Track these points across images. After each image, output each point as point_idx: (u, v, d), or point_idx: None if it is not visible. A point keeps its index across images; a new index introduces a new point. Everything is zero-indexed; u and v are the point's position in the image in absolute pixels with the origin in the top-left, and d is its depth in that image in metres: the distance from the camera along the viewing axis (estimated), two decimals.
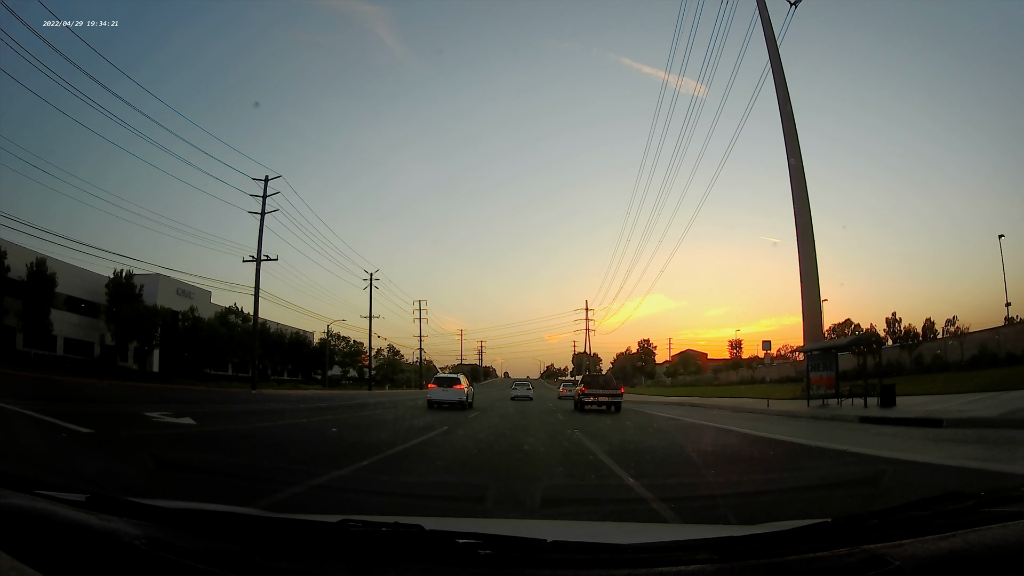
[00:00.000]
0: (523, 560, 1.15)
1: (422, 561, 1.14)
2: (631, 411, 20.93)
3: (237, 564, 1.12)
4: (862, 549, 1.11)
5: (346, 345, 69.65)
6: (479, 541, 1.15)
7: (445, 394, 20.61)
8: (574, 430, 11.90)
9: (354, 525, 1.24)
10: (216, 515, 1.37)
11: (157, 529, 1.22)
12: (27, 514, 1.16)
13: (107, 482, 4.76)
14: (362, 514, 1.41)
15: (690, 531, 2.01)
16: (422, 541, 1.19)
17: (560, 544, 1.18)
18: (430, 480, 5.68)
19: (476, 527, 1.35)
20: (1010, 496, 1.29)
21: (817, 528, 1.22)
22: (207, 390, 30.30)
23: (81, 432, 8.02)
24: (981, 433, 9.75)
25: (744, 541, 1.18)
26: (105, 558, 1.10)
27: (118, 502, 1.34)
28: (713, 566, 1.11)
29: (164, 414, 11.50)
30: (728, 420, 16.19)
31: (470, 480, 5.65)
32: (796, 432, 11.65)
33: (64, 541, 1.12)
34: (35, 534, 1.12)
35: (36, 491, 1.30)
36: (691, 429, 13.30)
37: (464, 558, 1.13)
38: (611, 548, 1.24)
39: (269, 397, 27.81)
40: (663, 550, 1.21)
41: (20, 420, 8.95)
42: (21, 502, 1.20)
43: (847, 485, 5.35)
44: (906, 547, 1.09)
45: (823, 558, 1.11)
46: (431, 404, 20.06)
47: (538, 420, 15.79)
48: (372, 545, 1.20)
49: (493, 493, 4.48)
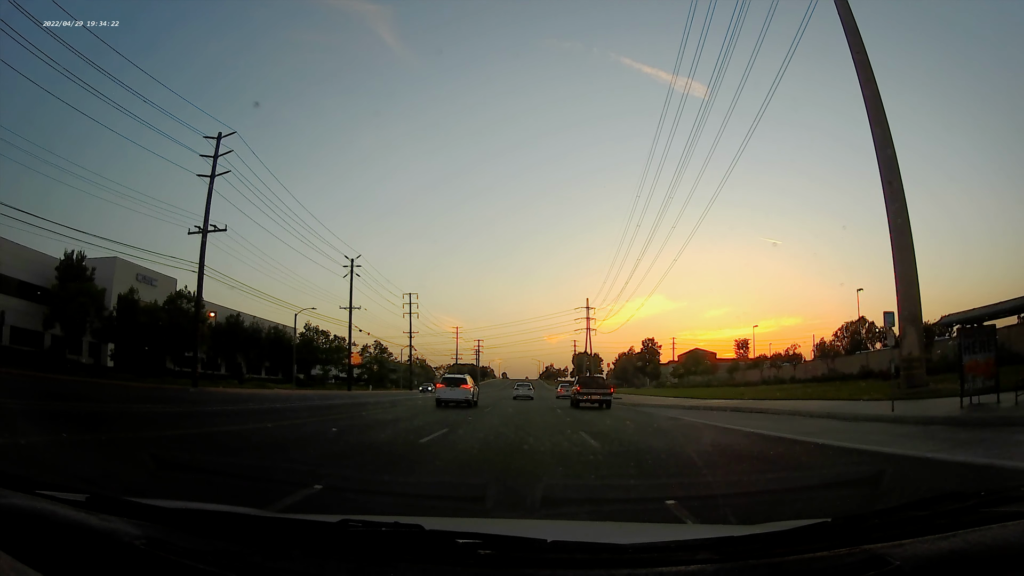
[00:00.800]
0: (523, 560, 1.15)
1: (422, 561, 1.14)
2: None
3: (237, 564, 1.12)
4: (862, 549, 1.11)
5: (326, 340, 63.07)
6: (479, 541, 1.15)
7: (453, 393, 22.03)
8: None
9: (354, 525, 1.24)
10: (216, 515, 1.38)
11: (157, 529, 1.22)
12: (27, 514, 1.16)
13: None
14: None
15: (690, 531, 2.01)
16: (422, 541, 1.19)
17: (560, 544, 1.19)
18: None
19: (476, 527, 1.35)
20: (1010, 496, 1.29)
21: (817, 528, 1.22)
22: (142, 387, 24.73)
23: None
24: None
25: (744, 541, 1.19)
26: (105, 558, 1.10)
27: (118, 502, 1.34)
28: (713, 566, 1.11)
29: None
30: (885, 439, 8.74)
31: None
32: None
33: (64, 541, 1.12)
34: (35, 534, 1.12)
35: (36, 491, 1.30)
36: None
37: (464, 558, 1.13)
38: (611, 548, 1.25)
39: (208, 398, 22.23)
40: (663, 550, 1.21)
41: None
42: (21, 502, 1.20)
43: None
44: (906, 547, 1.09)
45: (823, 558, 1.11)
46: (439, 402, 21.64)
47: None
48: (372, 545, 1.20)
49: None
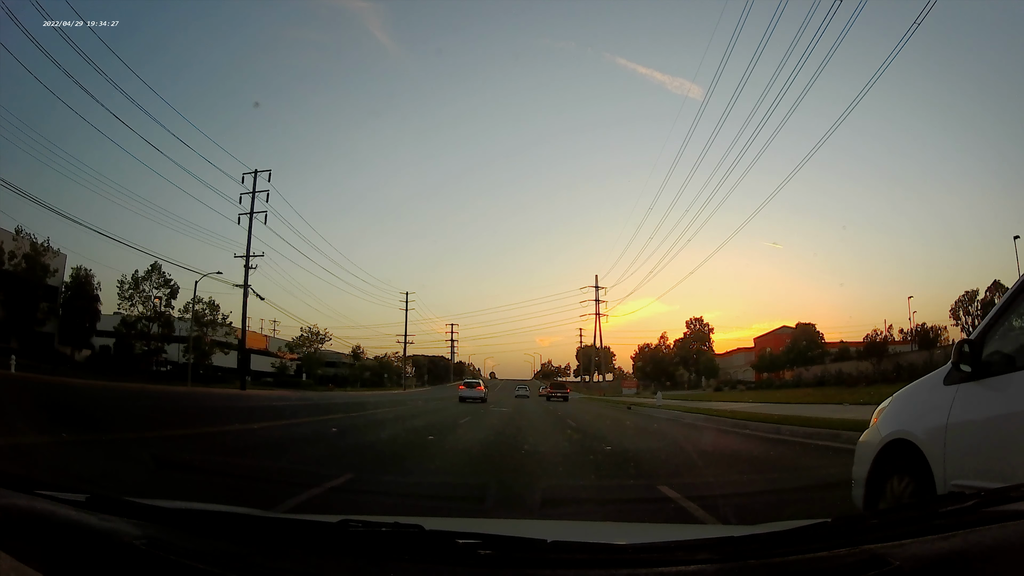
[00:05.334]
0: (523, 560, 1.16)
1: (422, 561, 1.14)
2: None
3: (237, 564, 1.12)
4: (862, 549, 1.11)
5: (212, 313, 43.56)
6: (479, 541, 1.15)
7: (471, 392, 31.95)
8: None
9: (354, 525, 1.25)
10: (216, 515, 1.38)
11: (157, 529, 1.22)
12: (27, 514, 1.16)
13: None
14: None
15: (690, 531, 2.02)
16: (422, 541, 1.20)
17: (560, 544, 1.19)
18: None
19: (476, 527, 1.36)
20: (1010, 496, 1.29)
21: (817, 528, 1.22)
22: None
23: None
24: None
25: (744, 541, 1.19)
26: (105, 558, 1.10)
27: (118, 502, 1.34)
28: (713, 566, 1.11)
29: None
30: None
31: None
32: None
33: (64, 541, 1.12)
34: (35, 534, 1.12)
35: (36, 491, 1.31)
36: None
37: (464, 558, 1.14)
38: (611, 548, 1.25)
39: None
40: (663, 550, 1.21)
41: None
42: (21, 502, 1.20)
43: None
44: (906, 547, 1.09)
45: (823, 558, 1.11)
46: (461, 399, 30.40)
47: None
48: (372, 545, 1.20)
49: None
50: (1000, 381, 2.63)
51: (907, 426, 3.15)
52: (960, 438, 2.71)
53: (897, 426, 3.23)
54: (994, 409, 2.63)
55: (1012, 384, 2.56)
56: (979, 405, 2.70)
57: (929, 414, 3.00)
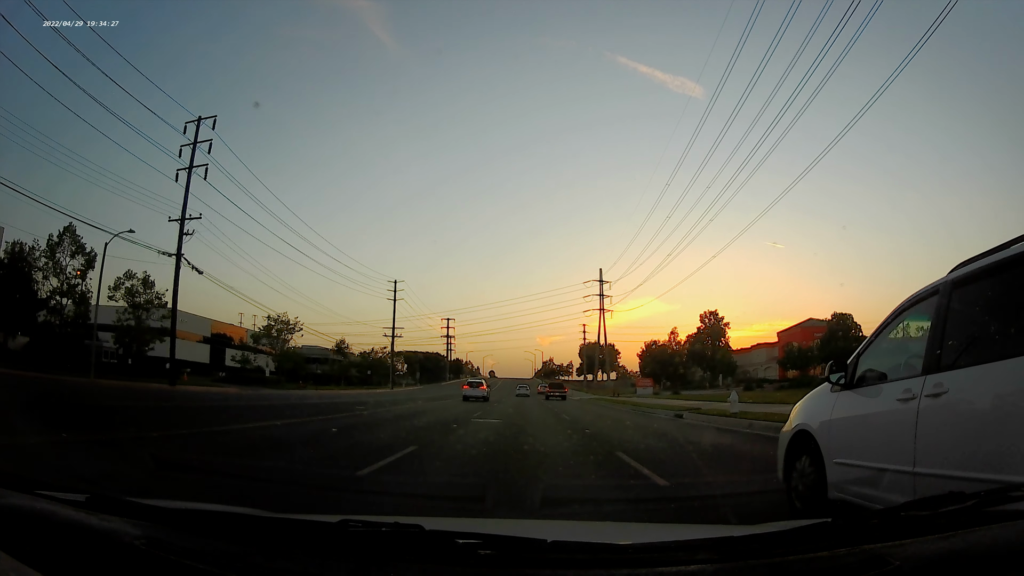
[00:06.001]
0: (523, 560, 1.15)
1: (422, 561, 1.14)
2: None
3: (237, 564, 1.12)
4: (862, 549, 1.11)
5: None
6: (479, 541, 1.15)
7: (475, 391, 32.98)
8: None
9: (354, 525, 1.24)
10: (216, 515, 1.37)
11: (157, 529, 1.22)
12: (27, 514, 1.16)
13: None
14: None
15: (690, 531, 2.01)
16: (422, 541, 1.19)
17: (560, 544, 1.18)
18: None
19: (476, 527, 1.36)
20: (1010, 496, 1.29)
21: (817, 528, 1.22)
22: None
23: None
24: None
25: (744, 541, 1.19)
26: (105, 558, 1.10)
27: (118, 502, 1.34)
28: (713, 566, 1.11)
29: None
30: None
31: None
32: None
33: (64, 541, 1.12)
34: (35, 534, 1.12)
35: (36, 491, 1.30)
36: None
37: (464, 558, 1.13)
38: (611, 548, 1.25)
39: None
40: (663, 550, 1.21)
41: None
42: (21, 502, 1.20)
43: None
44: (906, 547, 1.09)
45: (823, 558, 1.11)
46: (465, 398, 31.64)
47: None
48: (372, 545, 1.20)
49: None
50: (862, 391, 3.80)
51: (807, 420, 4.31)
52: (836, 429, 3.92)
53: (801, 420, 4.41)
54: (856, 410, 3.79)
55: (867, 393, 3.73)
56: (847, 407, 3.88)
57: (820, 412, 4.18)
